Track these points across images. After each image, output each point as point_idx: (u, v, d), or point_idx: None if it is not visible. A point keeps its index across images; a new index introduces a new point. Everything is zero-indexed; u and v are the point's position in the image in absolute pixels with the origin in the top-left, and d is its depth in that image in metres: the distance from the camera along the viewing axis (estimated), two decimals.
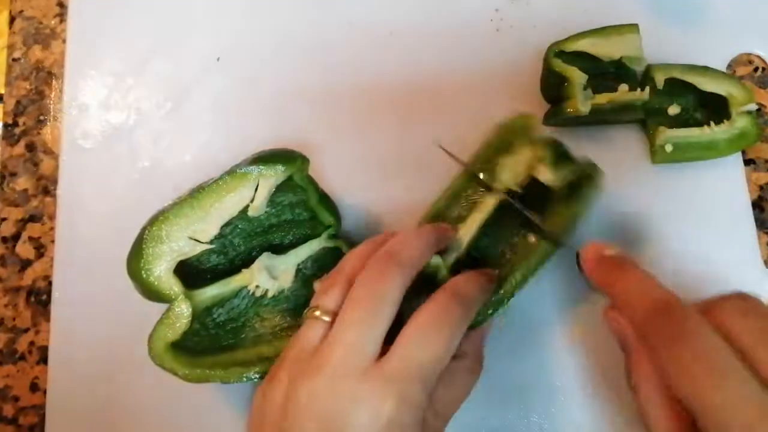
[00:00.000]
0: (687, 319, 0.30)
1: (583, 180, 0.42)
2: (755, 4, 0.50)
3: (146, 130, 0.49)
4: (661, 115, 0.46)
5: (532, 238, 0.42)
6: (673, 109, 0.46)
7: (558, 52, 0.45)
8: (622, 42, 0.45)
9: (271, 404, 0.33)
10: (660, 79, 0.45)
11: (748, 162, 0.48)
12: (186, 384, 0.39)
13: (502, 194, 0.42)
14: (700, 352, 0.29)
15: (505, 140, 0.44)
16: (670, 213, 0.46)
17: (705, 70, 0.46)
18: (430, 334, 0.33)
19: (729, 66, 0.49)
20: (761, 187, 0.48)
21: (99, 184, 0.48)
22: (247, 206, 0.41)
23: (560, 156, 0.42)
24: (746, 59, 0.49)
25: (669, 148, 0.45)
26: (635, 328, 0.33)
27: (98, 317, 0.46)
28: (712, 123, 0.45)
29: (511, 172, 0.43)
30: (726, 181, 0.47)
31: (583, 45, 0.45)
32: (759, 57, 0.49)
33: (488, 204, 0.43)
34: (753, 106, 0.44)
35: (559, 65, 0.44)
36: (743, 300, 0.32)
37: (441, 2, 0.50)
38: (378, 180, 0.48)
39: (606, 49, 0.45)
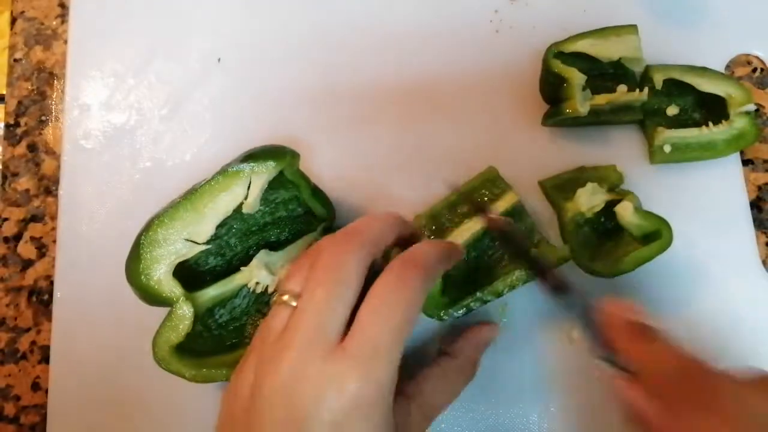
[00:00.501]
0: (718, 387, 0.29)
1: (653, 234, 0.42)
2: (754, 5, 0.50)
3: (147, 130, 0.49)
4: (659, 116, 0.47)
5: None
6: (672, 110, 0.47)
7: (557, 52, 0.45)
8: (621, 43, 0.45)
9: (238, 397, 0.33)
10: (659, 79, 0.45)
11: (746, 162, 0.48)
12: (188, 383, 0.39)
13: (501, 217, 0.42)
14: (732, 419, 0.29)
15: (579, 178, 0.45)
16: (669, 212, 0.46)
17: (703, 71, 0.46)
18: (386, 307, 0.32)
19: (728, 67, 0.49)
20: (759, 188, 0.48)
21: (100, 184, 0.48)
22: (241, 204, 0.41)
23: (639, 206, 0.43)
24: (745, 60, 0.50)
25: (667, 148, 0.45)
26: (657, 395, 0.32)
27: (99, 317, 0.46)
28: (710, 123, 0.45)
29: (587, 197, 0.43)
30: (724, 181, 0.47)
31: (582, 46, 0.45)
32: (758, 58, 0.50)
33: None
34: (751, 107, 0.45)
35: (558, 66, 0.44)
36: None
37: (441, 3, 0.51)
38: (378, 180, 0.48)
39: (605, 50, 0.45)
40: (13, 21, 0.53)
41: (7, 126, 0.51)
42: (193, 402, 0.45)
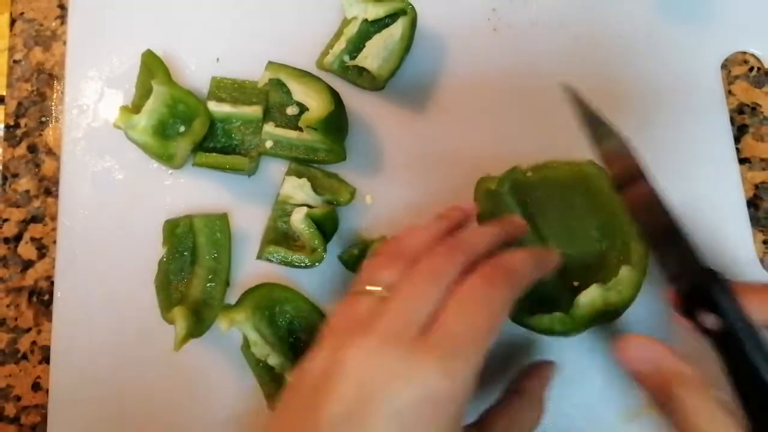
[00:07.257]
0: None
1: None
2: (752, 3, 0.50)
3: None
4: (280, 112, 0.48)
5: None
6: (292, 109, 0.47)
7: None
8: None
9: (308, 375, 0.33)
10: (265, 77, 0.47)
11: (743, 161, 0.48)
12: (189, 383, 0.39)
13: None
14: None
15: None
16: None
17: (304, 76, 0.46)
18: (472, 309, 0.32)
19: (724, 65, 0.49)
20: (756, 186, 0.48)
21: (100, 184, 0.48)
22: None
23: None
24: (741, 59, 0.50)
25: (269, 143, 0.46)
26: None
27: (99, 317, 0.46)
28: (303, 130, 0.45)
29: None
30: (721, 180, 0.47)
31: None
32: (754, 56, 0.50)
33: None
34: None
35: None
36: None
37: (439, 2, 0.51)
38: (378, 179, 0.48)
39: None
40: (13, 22, 0.53)
41: (7, 127, 0.51)
42: (194, 401, 0.45)
